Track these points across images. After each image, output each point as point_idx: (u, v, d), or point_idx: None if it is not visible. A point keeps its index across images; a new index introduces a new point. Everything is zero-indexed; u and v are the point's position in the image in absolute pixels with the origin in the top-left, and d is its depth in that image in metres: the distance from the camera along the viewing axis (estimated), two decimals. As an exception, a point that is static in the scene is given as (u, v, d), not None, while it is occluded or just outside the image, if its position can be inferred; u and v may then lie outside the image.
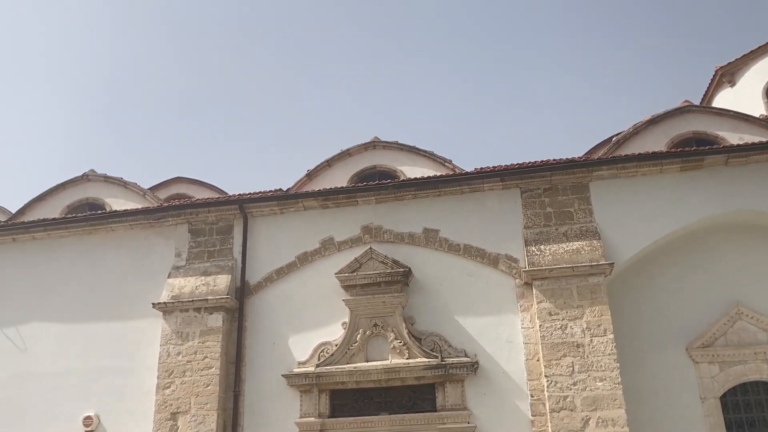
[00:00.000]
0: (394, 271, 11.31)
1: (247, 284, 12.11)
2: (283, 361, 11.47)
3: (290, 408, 11.12)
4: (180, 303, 11.77)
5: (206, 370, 11.33)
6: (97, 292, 12.60)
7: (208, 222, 12.61)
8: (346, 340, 11.27)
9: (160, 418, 11.13)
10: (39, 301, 12.75)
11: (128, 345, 12.10)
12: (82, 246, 13.00)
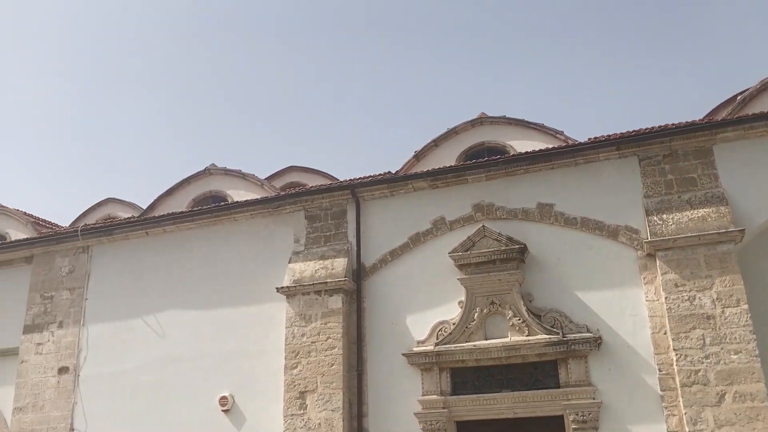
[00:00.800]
0: (509, 248, 11.20)
1: (363, 266, 12.39)
2: (403, 341, 11.68)
3: (412, 386, 11.34)
4: (301, 286, 12.22)
5: (330, 350, 11.73)
6: (225, 279, 13.31)
7: (322, 208, 12.98)
8: (464, 318, 11.32)
9: (289, 397, 11.66)
10: (173, 290, 13.64)
11: (256, 328, 12.72)
12: (208, 236, 13.76)
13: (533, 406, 10.67)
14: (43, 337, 14.36)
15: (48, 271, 14.81)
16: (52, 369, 14.03)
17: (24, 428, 13.80)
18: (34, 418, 13.82)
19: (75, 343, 14.06)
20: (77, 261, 14.64)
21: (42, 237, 15.32)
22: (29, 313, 14.65)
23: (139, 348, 13.54)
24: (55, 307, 14.48)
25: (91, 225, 15.25)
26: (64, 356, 14.05)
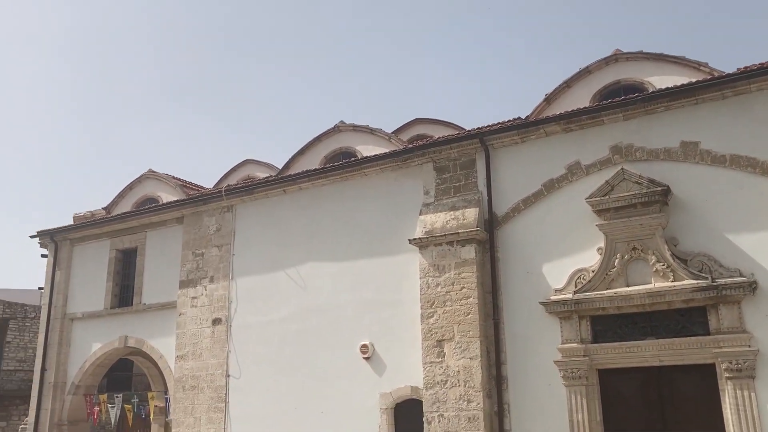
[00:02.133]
0: (651, 190, 10.63)
1: (494, 216, 12.26)
2: (539, 289, 11.52)
3: (550, 334, 11.21)
4: (433, 238, 12.31)
5: (464, 300, 11.80)
6: (359, 232, 13.67)
7: (451, 158, 12.91)
8: (603, 265, 10.95)
9: (427, 345, 11.90)
10: (312, 244, 14.21)
11: (391, 279, 13.02)
12: (341, 192, 14.14)
13: (680, 354, 10.22)
14: (197, 291, 15.51)
15: (197, 230, 15.89)
16: (207, 320, 15.16)
17: (186, 374, 15.10)
18: (194, 365, 15.06)
19: (225, 297, 15.07)
20: (223, 220, 15.57)
21: (190, 198, 16.41)
22: (183, 269, 15.84)
23: (283, 299, 14.30)
24: (206, 263, 15.54)
25: (233, 185, 16.10)
26: (216, 308, 15.12)
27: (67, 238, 18.07)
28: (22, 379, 28.04)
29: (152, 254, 16.74)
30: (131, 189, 19.67)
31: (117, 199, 19.62)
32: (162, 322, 15.99)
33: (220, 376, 14.61)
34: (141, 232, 17.01)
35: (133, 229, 17.12)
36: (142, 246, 16.94)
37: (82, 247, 17.98)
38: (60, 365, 17.26)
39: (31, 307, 29.78)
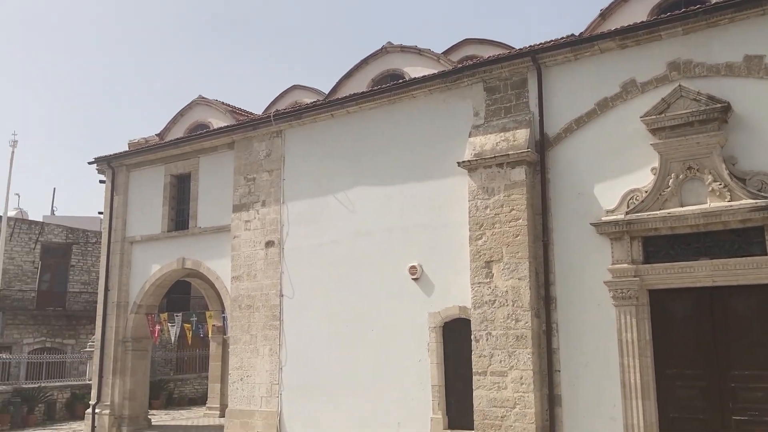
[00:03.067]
0: (710, 107, 10.26)
1: (546, 137, 12.07)
2: (590, 210, 11.40)
3: (601, 255, 11.15)
4: (483, 160, 12.21)
5: (514, 221, 11.78)
6: (407, 155, 13.66)
7: (501, 78, 12.65)
8: (657, 185, 10.74)
9: (475, 266, 12.01)
10: (360, 168, 14.28)
11: (440, 202, 13.07)
12: (389, 114, 14.06)
13: (735, 274, 10.08)
14: (249, 215, 15.87)
15: (248, 156, 16.12)
16: (260, 243, 15.56)
17: (241, 294, 15.65)
18: (249, 285, 15.58)
19: (277, 220, 15.39)
20: (273, 145, 15.74)
21: (240, 124, 16.59)
22: (236, 193, 16.18)
23: (332, 223, 14.54)
24: (258, 187, 15.83)
25: (282, 111, 16.18)
26: (269, 231, 15.48)
27: (123, 164, 18.59)
28: (87, 300, 29.53)
29: (205, 179, 17.12)
30: (182, 115, 19.95)
31: (169, 125, 19.96)
32: (217, 245, 16.50)
33: (274, 296, 15.10)
34: (194, 157, 17.36)
35: (186, 155, 17.48)
36: (195, 171, 17.32)
37: (138, 173, 18.50)
38: (122, 286, 18.08)
39: (92, 232, 31.03)
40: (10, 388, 20.93)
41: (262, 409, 14.73)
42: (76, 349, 28.18)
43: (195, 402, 25.80)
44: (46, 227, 30.03)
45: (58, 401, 21.94)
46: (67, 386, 22.65)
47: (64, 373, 25.04)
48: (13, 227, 27.71)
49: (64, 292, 29.70)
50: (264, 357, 14.99)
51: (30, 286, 28.77)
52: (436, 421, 12.44)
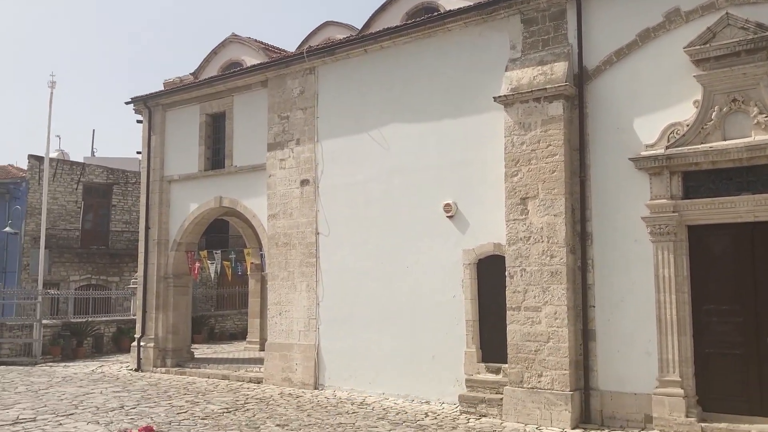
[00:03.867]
0: (759, 36, 9.84)
1: (585, 70, 11.76)
2: (629, 145, 11.18)
3: (639, 191, 10.99)
4: (519, 94, 11.98)
5: (550, 157, 11.62)
6: (442, 91, 13.48)
7: (539, 9, 12.27)
8: (699, 118, 10.44)
9: (510, 203, 11.95)
10: (394, 105, 14.16)
11: (475, 138, 12.94)
12: (424, 49, 13.81)
13: (778, 210, 9.85)
14: (284, 153, 15.95)
15: (282, 93, 16.08)
16: (295, 181, 15.68)
17: (278, 232, 15.89)
18: (285, 223, 15.79)
19: (312, 158, 15.45)
20: (306, 82, 15.65)
21: (273, 61, 16.49)
22: (270, 132, 16.24)
23: (367, 160, 14.53)
24: (292, 126, 15.85)
25: (315, 47, 15.99)
26: (303, 170, 15.56)
27: (159, 104, 18.73)
28: (128, 239, 30.35)
29: (240, 118, 17.19)
30: (216, 54, 19.91)
31: (203, 64, 19.96)
32: (253, 183, 16.68)
33: (310, 234, 15.30)
34: (228, 96, 17.39)
35: (220, 94, 17.52)
36: (230, 110, 17.38)
37: (174, 113, 18.65)
38: (162, 224, 18.49)
39: (131, 173, 31.62)
40: (59, 322, 21.85)
41: (300, 342, 15.14)
42: (120, 286, 29.14)
43: (235, 337, 26.64)
44: (87, 168, 30.68)
45: (105, 335, 22.86)
46: (113, 321, 23.55)
47: (109, 309, 26.00)
48: (55, 168, 28.35)
49: (107, 231, 30.53)
50: (301, 293, 15.30)
51: (74, 225, 29.62)
52: (470, 354, 12.65)
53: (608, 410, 11.02)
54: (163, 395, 14.02)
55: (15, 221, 27.31)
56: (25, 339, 20.59)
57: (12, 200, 28.36)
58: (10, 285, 26.02)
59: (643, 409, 10.68)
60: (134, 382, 15.92)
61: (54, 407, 12.47)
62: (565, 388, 10.97)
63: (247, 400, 13.38)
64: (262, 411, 12.24)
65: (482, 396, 11.96)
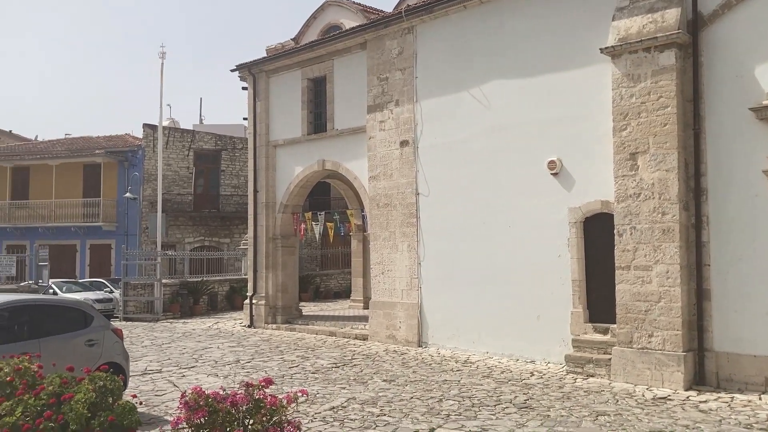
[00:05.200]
0: None
1: (699, 15, 11.05)
2: (749, 94, 10.48)
3: (759, 143, 10.32)
4: (627, 45, 11.43)
5: (661, 110, 11.08)
6: (545, 44, 13.08)
7: (650, -47, 11.59)
8: (831, 62, 9.63)
9: (619, 158, 11.52)
10: (495, 61, 13.89)
11: (580, 92, 12.52)
12: (525, 2, 13.41)
13: None
14: (383, 115, 16.04)
15: (380, 55, 16.11)
16: (395, 143, 15.77)
17: (379, 193, 16.10)
18: (386, 184, 15.97)
19: (411, 119, 15.46)
20: (404, 42, 15.59)
21: (371, 22, 16.50)
22: (369, 94, 16.35)
23: (467, 119, 14.39)
24: (391, 87, 15.88)
25: (413, 5, 15.83)
26: (403, 131, 15.62)
27: (263, 71, 19.24)
28: (237, 202, 31.63)
29: (340, 81, 17.41)
30: (315, 18, 20.12)
31: (303, 29, 20.24)
32: (354, 146, 16.94)
33: (410, 194, 15.41)
34: (328, 60, 17.63)
35: (320, 58, 17.78)
36: (330, 74, 17.62)
37: (277, 78, 19.12)
38: (269, 187, 19.16)
39: (238, 139, 32.80)
40: (177, 282, 23.27)
41: (403, 301, 15.41)
42: (231, 247, 30.55)
43: (339, 295, 27.44)
44: (196, 135, 32.09)
45: (219, 293, 24.16)
46: (225, 280, 24.83)
47: (221, 269, 27.39)
48: (167, 136, 29.82)
49: (217, 194, 31.95)
50: (403, 252, 15.51)
51: (187, 190, 31.18)
52: (577, 314, 12.45)
53: (725, 372, 10.60)
54: (275, 350, 14.73)
55: (134, 187, 29.07)
56: (148, 297, 22.11)
57: (130, 168, 30.16)
58: (131, 247, 27.87)
59: (763, 371, 10.21)
60: (247, 338, 16.79)
61: (177, 360, 13.39)
62: (677, 348, 10.63)
63: (353, 356, 13.83)
64: (369, 366, 12.62)
65: (589, 356, 11.79)
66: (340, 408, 9.33)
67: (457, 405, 9.50)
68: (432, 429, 8.24)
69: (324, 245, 29.61)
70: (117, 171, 30.50)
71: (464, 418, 8.78)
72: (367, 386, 10.83)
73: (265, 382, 5.27)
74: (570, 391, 10.41)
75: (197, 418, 4.89)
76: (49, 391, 5.54)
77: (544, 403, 9.60)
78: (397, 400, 9.78)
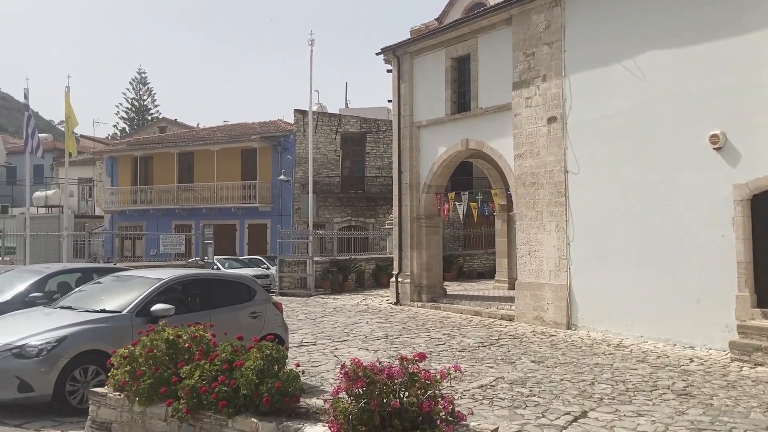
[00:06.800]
0: None
1: None
2: None
3: None
4: (806, 4, 10.39)
5: None
6: (708, 10, 12.20)
7: None
8: None
9: (794, 129, 10.54)
10: (651, 30, 13.12)
11: (747, 60, 11.57)
12: (685, -35, 12.56)
13: None
14: (530, 91, 15.69)
15: (526, 30, 15.73)
16: (542, 119, 15.39)
17: (525, 171, 15.81)
18: (532, 162, 15.64)
19: (559, 94, 15.00)
20: (552, 15, 15.11)
21: (517, -3, 16.13)
22: (515, 70, 16.04)
23: (619, 93, 13.75)
24: (537, 62, 15.48)
25: (560, -23, 15.29)
26: (550, 107, 15.20)
27: (407, 52, 19.44)
28: (381, 183, 32.35)
29: (484, 59, 17.22)
30: (458, -4, 20.05)
31: (447, 8, 20.22)
32: (499, 124, 16.72)
33: (558, 173, 15.00)
34: (472, 38, 17.48)
35: (464, 37, 17.67)
36: (475, 52, 17.48)
37: (421, 59, 19.24)
38: (413, 168, 19.42)
39: (381, 121, 33.47)
40: (327, 260, 24.29)
41: (551, 282, 15.09)
42: (376, 227, 31.37)
43: (483, 276, 27.35)
44: (343, 119, 33.13)
45: (366, 271, 24.94)
46: (372, 258, 25.56)
47: (367, 248, 28.21)
48: (316, 120, 31.01)
49: (362, 176, 32.87)
50: (550, 232, 15.16)
51: (334, 172, 32.36)
52: (742, 299, 11.59)
53: None
54: (422, 327, 15.00)
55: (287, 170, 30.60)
56: (301, 274, 23.27)
57: (283, 151, 31.77)
58: (285, 227, 29.42)
59: None
60: (394, 315, 17.22)
61: (329, 334, 14.03)
62: None
63: (500, 336, 13.78)
64: (516, 347, 12.53)
65: (757, 343, 10.95)
66: (488, 387, 9.37)
67: (610, 389, 9.22)
68: (584, 411, 8.06)
69: (467, 225, 29.58)
70: (271, 155, 32.25)
71: (618, 402, 8.51)
72: (515, 366, 10.77)
73: (418, 357, 5.40)
74: (735, 380, 9.76)
75: (356, 388, 5.11)
76: (223, 357, 6.03)
77: (706, 391, 9.07)
78: (547, 382, 9.65)
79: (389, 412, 5.07)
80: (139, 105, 71.47)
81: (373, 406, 5.04)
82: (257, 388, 5.64)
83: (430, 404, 5.11)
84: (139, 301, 8.58)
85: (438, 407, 5.14)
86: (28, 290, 10.48)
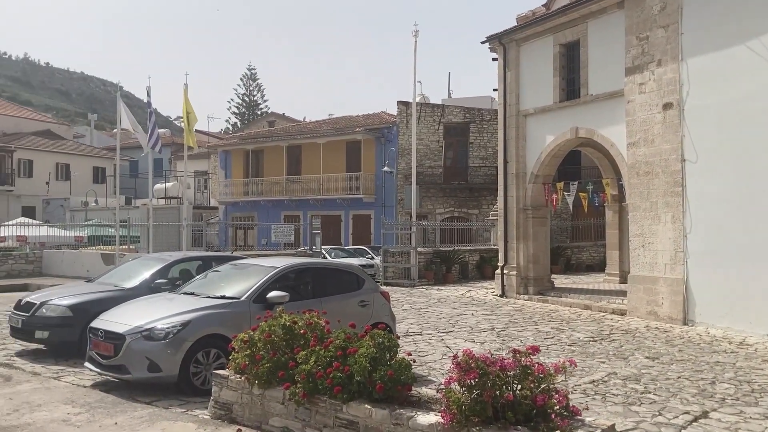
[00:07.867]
0: None
1: None
2: None
3: None
4: None
5: None
6: None
7: None
8: None
9: None
10: (780, 7, 12.27)
11: None
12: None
13: None
14: (643, 77, 15.03)
15: (640, 12, 15.06)
16: (657, 106, 14.71)
17: (638, 160, 15.19)
18: (646, 151, 15.00)
19: (675, 79, 14.28)
20: (668, -4, 14.40)
21: (629, -21, 15.46)
22: (628, 55, 15.41)
23: (744, 75, 12.94)
24: (652, 46, 14.80)
25: (677, -45, 14.54)
26: (666, 93, 14.50)
27: (513, 40, 19.10)
28: (485, 173, 32.06)
29: (595, 44, 16.65)
30: (567, -19, 19.43)
31: (554, -6, 19.69)
32: (610, 112, 16.14)
33: (674, 161, 14.31)
34: (582, 23, 16.94)
35: (573, 22, 17.14)
36: (584, 37, 16.93)
37: (528, 46, 18.84)
38: (519, 158, 19.09)
39: (485, 111, 33.11)
40: (431, 250, 24.36)
41: (666, 276, 14.45)
42: (479, 218, 31.10)
43: (591, 268, 26.56)
44: (446, 109, 33.02)
45: (470, 263, 24.80)
46: (475, 250, 25.40)
47: (470, 239, 28.04)
48: (419, 111, 31.09)
49: (465, 166, 32.68)
50: (666, 224, 14.50)
51: (437, 162, 32.34)
52: None
53: None
54: (529, 320, 14.78)
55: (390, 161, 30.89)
56: (404, 264, 23.46)
57: (386, 143, 32.09)
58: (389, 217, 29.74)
59: None
60: (500, 307, 17.05)
61: (435, 324, 14.08)
62: None
63: (611, 331, 13.35)
64: (629, 342, 12.11)
65: None
66: (600, 382, 9.11)
67: (733, 389, 8.73)
68: (705, 412, 7.69)
69: (575, 216, 28.79)
70: (375, 147, 32.67)
71: (743, 404, 8.05)
72: (628, 362, 10.41)
73: (531, 350, 5.35)
74: None
75: (469, 379, 5.13)
76: (336, 344, 6.21)
77: None
78: (663, 379, 9.27)
79: (502, 404, 5.06)
80: (250, 100, 74.32)
81: (486, 398, 5.05)
82: (370, 376, 5.77)
83: (544, 398, 5.06)
84: (256, 288, 8.95)
85: (552, 401, 5.08)
86: (153, 277, 11.17)
